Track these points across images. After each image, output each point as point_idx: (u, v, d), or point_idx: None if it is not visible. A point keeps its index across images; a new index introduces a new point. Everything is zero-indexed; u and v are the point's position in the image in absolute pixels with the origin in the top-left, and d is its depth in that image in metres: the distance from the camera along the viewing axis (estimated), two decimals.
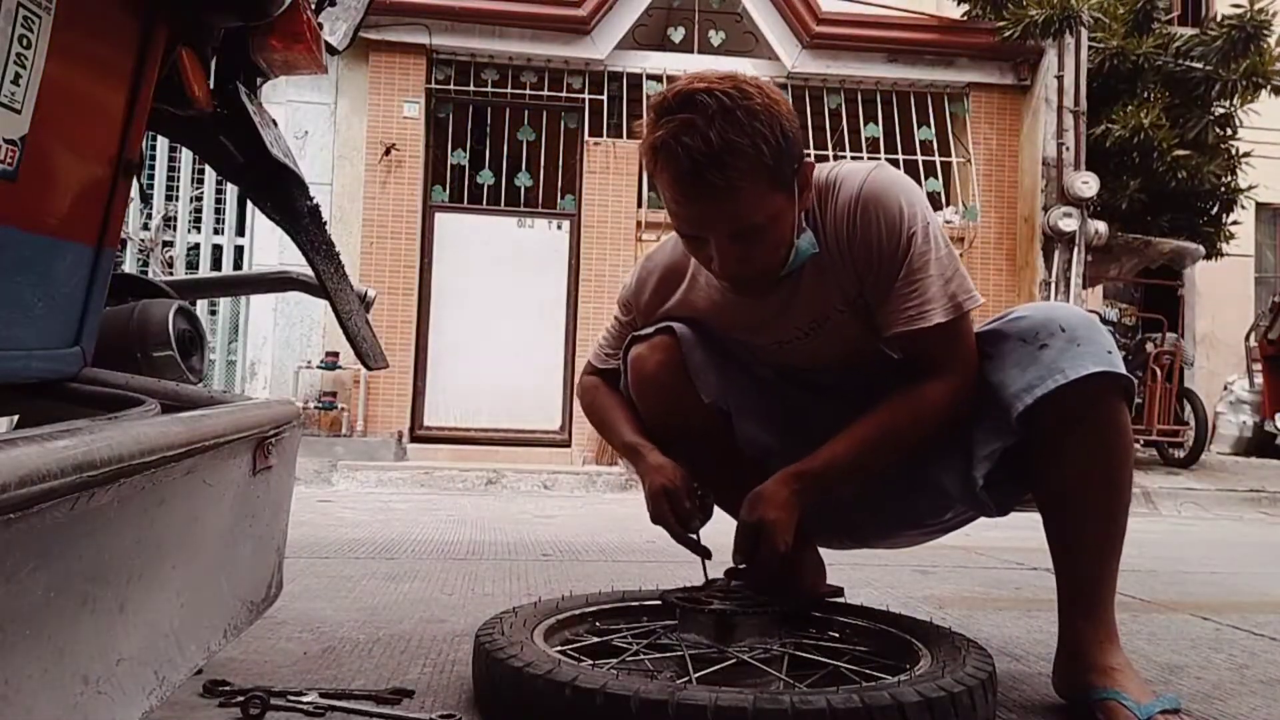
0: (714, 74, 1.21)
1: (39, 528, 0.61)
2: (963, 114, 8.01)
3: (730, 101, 1.16)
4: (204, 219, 7.59)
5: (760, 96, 1.19)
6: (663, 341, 1.47)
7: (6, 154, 0.88)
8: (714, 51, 7.93)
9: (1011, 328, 1.33)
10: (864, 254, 1.32)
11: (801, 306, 1.39)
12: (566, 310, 7.58)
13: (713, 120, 1.15)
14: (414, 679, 1.37)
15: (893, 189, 1.31)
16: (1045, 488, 1.34)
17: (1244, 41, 7.20)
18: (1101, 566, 1.30)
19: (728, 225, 1.22)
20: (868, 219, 1.30)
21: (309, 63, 1.30)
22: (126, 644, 0.75)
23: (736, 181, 1.17)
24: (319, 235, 1.37)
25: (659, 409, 1.49)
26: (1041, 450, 1.31)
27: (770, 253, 1.27)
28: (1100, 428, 1.27)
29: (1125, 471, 1.31)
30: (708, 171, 1.16)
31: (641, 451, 1.46)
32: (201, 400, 1.05)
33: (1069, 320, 1.29)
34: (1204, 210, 7.92)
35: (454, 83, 7.65)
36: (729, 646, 1.27)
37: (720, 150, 1.15)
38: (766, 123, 1.17)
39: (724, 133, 1.15)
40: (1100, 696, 1.22)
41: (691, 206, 1.22)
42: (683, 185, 1.19)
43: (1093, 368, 1.23)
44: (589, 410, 1.64)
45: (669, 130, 1.17)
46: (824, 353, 1.45)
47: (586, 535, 3.45)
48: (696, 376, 1.46)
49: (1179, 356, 7.31)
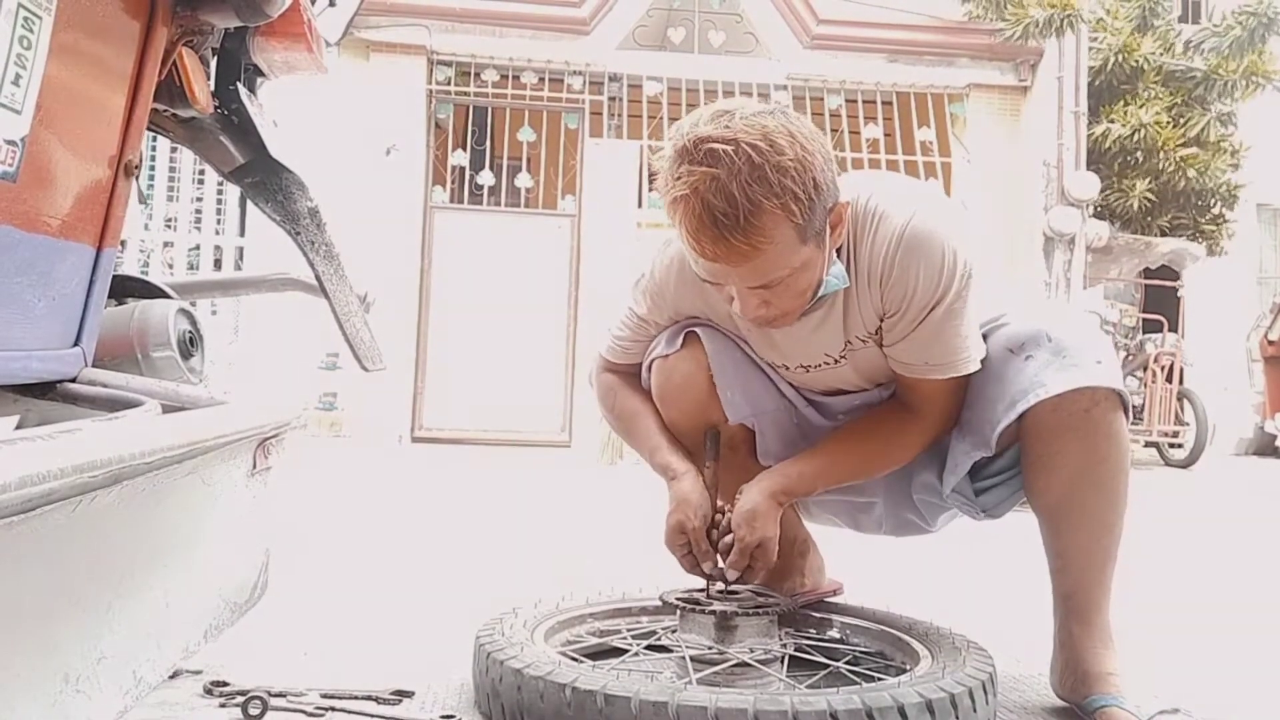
0: (741, 118, 1.09)
1: (38, 528, 0.61)
2: (963, 114, 8.02)
3: (759, 157, 1.06)
4: (204, 219, 7.59)
5: (792, 150, 1.08)
6: (691, 354, 1.41)
7: (7, 154, 0.88)
8: (714, 52, 7.94)
9: (1000, 336, 1.32)
10: (896, 296, 1.25)
11: (828, 334, 1.34)
12: (566, 310, 7.58)
13: (738, 177, 1.05)
14: (414, 679, 1.37)
15: (937, 235, 1.22)
16: (1038, 497, 1.34)
17: (1262, 29, 7.15)
18: (1096, 573, 1.30)
19: (750, 280, 1.16)
20: (906, 264, 1.22)
21: (309, 63, 1.31)
22: (109, 643, 0.75)
23: (761, 243, 1.09)
24: (319, 236, 1.37)
25: (682, 420, 1.46)
26: (1033, 459, 1.32)
27: (795, 299, 1.20)
28: (1091, 437, 1.26)
29: (1119, 480, 1.29)
30: (731, 234, 1.07)
31: (673, 472, 1.41)
32: (201, 401, 1.05)
33: (1056, 329, 1.27)
34: (1206, 209, 7.91)
35: (454, 83, 7.65)
36: (729, 647, 1.27)
37: (746, 213, 1.06)
38: (798, 178, 1.08)
39: (750, 193, 1.06)
40: (1099, 704, 1.22)
41: (712, 263, 1.14)
42: (703, 242, 1.11)
43: (1074, 384, 1.22)
44: (610, 412, 1.56)
45: (691, 184, 1.07)
46: (846, 379, 1.43)
47: (587, 535, 3.45)
48: (724, 393, 1.41)
49: (1179, 357, 7.31)
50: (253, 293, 2.04)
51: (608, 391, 1.55)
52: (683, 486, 1.38)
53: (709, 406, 1.42)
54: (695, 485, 1.38)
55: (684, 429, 1.46)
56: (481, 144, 7.88)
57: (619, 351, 1.52)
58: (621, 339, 1.51)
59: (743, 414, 1.43)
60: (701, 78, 7.69)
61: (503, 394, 7.45)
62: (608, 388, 1.55)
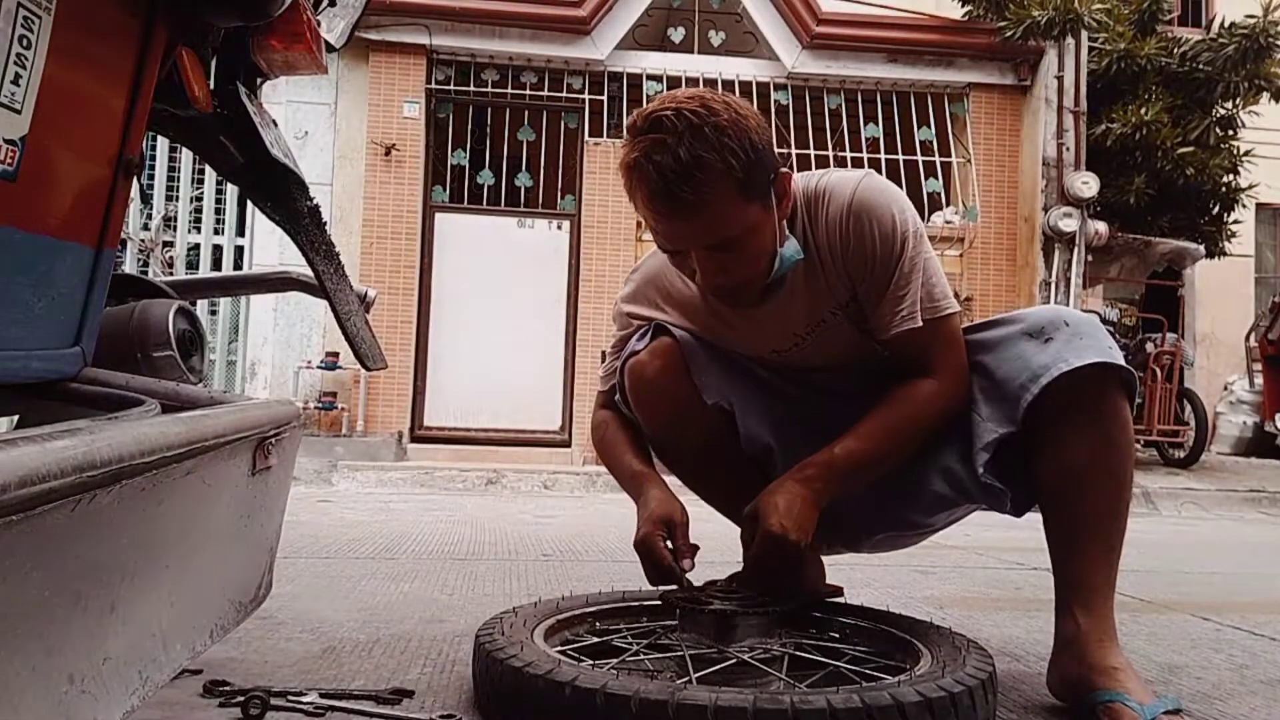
0: (683, 93, 1.25)
1: (38, 528, 0.61)
2: (963, 114, 8.02)
3: (697, 119, 1.19)
4: (204, 219, 7.59)
5: (727, 112, 1.22)
6: (662, 345, 1.46)
7: (6, 154, 0.88)
8: (714, 51, 7.94)
9: (1018, 324, 1.37)
10: (858, 261, 1.36)
11: (796, 313, 1.42)
12: (566, 310, 7.59)
13: (681, 138, 1.18)
14: (414, 679, 1.37)
15: (883, 198, 1.36)
16: (1046, 480, 1.35)
17: (1256, 52, 7.21)
18: (1102, 562, 1.30)
19: (704, 238, 1.26)
20: (861, 228, 1.35)
21: (309, 63, 1.30)
22: (114, 643, 0.75)
23: (708, 195, 1.20)
24: (319, 235, 1.37)
25: (661, 416, 1.49)
26: (1043, 443, 1.32)
27: (750, 263, 1.31)
28: (1102, 420, 1.30)
29: (1127, 466, 1.32)
30: (679, 188, 1.19)
31: (641, 487, 1.44)
32: (201, 400, 1.05)
33: (1073, 316, 1.34)
34: (1206, 209, 7.92)
35: (454, 83, 7.65)
36: (729, 646, 1.27)
37: (690, 166, 1.18)
38: (734, 137, 1.21)
39: (693, 149, 1.18)
40: (1103, 699, 1.22)
41: (667, 222, 1.26)
42: (657, 202, 1.23)
43: (1095, 357, 1.27)
44: (599, 449, 1.61)
45: (640, 150, 1.21)
46: (821, 357, 1.48)
47: (586, 535, 3.45)
48: (699, 376, 1.45)
49: (1179, 357, 7.31)
50: (253, 293, 2.04)
51: (597, 429, 1.61)
52: (646, 505, 1.39)
53: (686, 400, 1.45)
54: (658, 502, 1.38)
55: (661, 425, 1.49)
56: (481, 143, 7.88)
57: (607, 375, 1.59)
58: (607, 364, 1.59)
59: (720, 393, 1.46)
60: (701, 77, 7.69)
61: (502, 393, 7.46)
62: (598, 424, 1.61)
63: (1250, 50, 7.22)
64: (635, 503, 1.45)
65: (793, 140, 7.62)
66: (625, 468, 1.51)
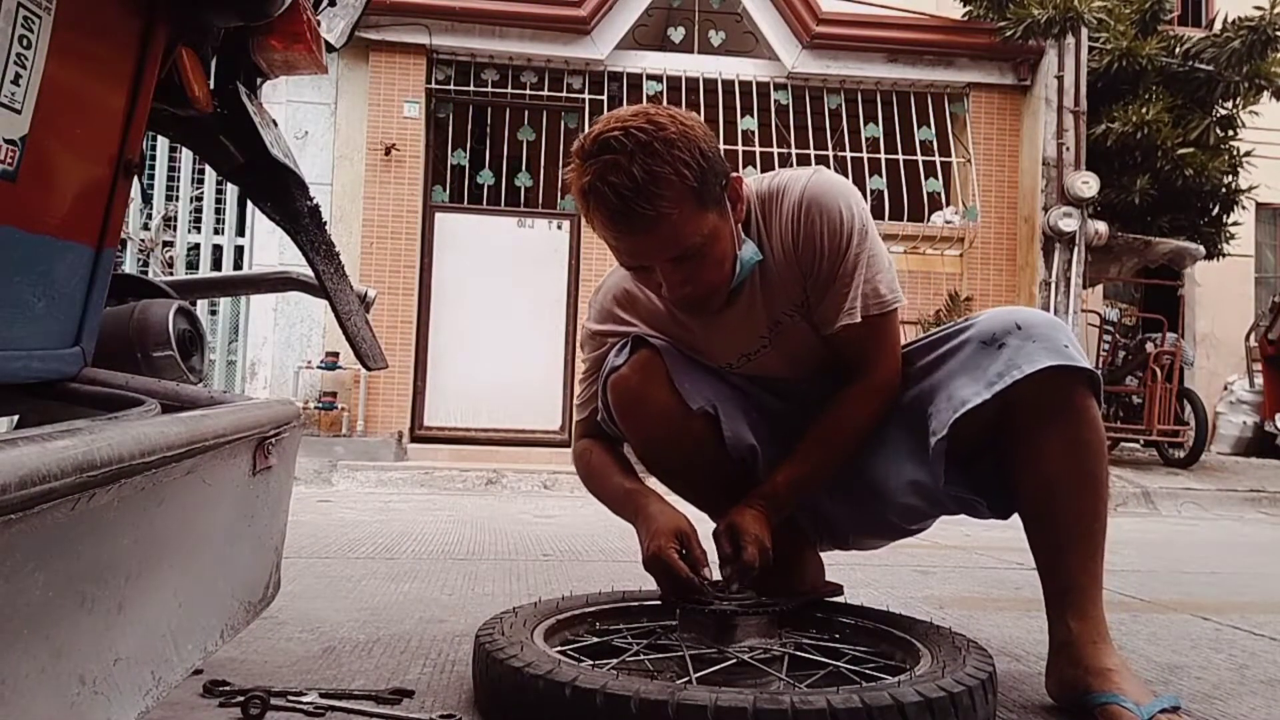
0: (626, 112, 1.27)
1: (39, 528, 0.61)
2: (963, 114, 8.01)
3: (645, 136, 1.21)
4: (204, 219, 7.59)
5: (674, 125, 1.24)
6: (643, 357, 1.46)
7: (6, 154, 0.88)
8: (714, 51, 7.94)
9: (971, 332, 1.36)
10: (808, 254, 1.38)
11: (757, 315, 1.44)
12: (566, 310, 7.59)
13: (633, 156, 1.20)
14: (414, 679, 1.37)
15: (833, 191, 1.38)
16: (1023, 489, 1.35)
17: (1261, 45, 7.19)
18: (1088, 563, 1.31)
19: (666, 251, 1.28)
20: (810, 221, 1.37)
21: (309, 63, 1.30)
22: (124, 644, 0.75)
23: (665, 209, 1.23)
24: (319, 235, 1.37)
25: (649, 428, 1.48)
26: (1016, 451, 1.33)
27: (714, 270, 1.33)
28: (1070, 423, 1.29)
29: (1101, 465, 1.32)
30: (637, 204, 1.21)
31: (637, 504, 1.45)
32: (201, 400, 1.05)
33: (1026, 319, 1.32)
34: (1205, 210, 7.92)
35: (454, 83, 7.65)
36: (729, 647, 1.27)
37: (645, 182, 1.20)
38: (684, 149, 1.23)
39: (646, 165, 1.20)
40: (1100, 701, 1.22)
41: (629, 240, 1.28)
42: (617, 222, 1.25)
43: (1049, 361, 1.26)
44: (586, 479, 1.62)
45: (594, 173, 1.23)
46: (784, 363, 1.49)
47: (586, 535, 3.45)
48: (682, 384, 1.45)
49: (1179, 356, 7.31)
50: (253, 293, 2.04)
51: (580, 459, 1.63)
52: (650, 521, 1.40)
53: (671, 409, 1.45)
54: (663, 517, 1.39)
55: (648, 438, 1.50)
56: (481, 143, 7.88)
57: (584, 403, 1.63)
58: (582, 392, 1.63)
59: (704, 398, 1.47)
60: (701, 77, 7.69)
61: (502, 392, 7.45)
62: (581, 452, 1.62)
63: (1256, 44, 7.19)
64: (631, 522, 1.45)
65: (793, 140, 7.62)
66: (616, 488, 1.52)
